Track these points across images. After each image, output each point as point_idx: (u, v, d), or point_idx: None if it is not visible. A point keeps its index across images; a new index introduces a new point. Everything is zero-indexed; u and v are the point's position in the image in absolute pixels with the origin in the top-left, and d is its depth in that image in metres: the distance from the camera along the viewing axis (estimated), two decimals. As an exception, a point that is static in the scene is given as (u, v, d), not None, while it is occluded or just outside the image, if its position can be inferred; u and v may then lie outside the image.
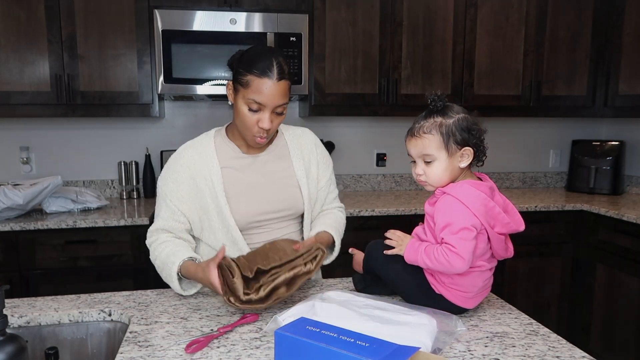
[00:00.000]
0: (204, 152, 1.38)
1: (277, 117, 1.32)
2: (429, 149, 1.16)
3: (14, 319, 1.20)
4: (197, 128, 2.76)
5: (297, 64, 2.58)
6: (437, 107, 1.17)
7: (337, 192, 1.58)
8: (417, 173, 1.19)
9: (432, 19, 2.76)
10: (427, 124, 1.17)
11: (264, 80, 1.25)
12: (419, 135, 1.17)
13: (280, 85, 1.28)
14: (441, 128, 1.15)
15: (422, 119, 1.19)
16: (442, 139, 1.14)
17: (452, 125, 1.14)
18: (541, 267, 2.75)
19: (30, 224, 2.23)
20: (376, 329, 0.99)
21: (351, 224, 2.50)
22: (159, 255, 1.33)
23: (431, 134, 1.15)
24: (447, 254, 1.09)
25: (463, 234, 1.08)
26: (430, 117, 1.17)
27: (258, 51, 1.31)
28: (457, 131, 1.14)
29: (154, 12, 2.44)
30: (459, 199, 1.10)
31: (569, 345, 1.05)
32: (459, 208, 1.10)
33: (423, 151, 1.16)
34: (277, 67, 1.27)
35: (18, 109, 2.46)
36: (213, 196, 1.35)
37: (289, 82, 1.31)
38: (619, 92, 2.89)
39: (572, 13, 2.92)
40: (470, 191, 1.12)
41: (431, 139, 1.15)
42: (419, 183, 1.22)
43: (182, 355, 1.00)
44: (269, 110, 1.28)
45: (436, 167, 1.16)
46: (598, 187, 3.04)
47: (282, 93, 1.29)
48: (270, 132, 1.32)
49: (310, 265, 1.20)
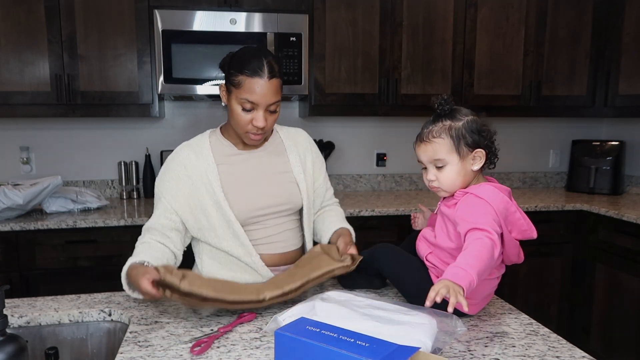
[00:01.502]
0: (199, 151, 1.40)
1: (271, 115, 1.34)
2: (440, 153, 1.13)
3: (14, 319, 1.20)
4: (197, 128, 2.76)
5: (297, 64, 2.58)
6: (444, 110, 1.15)
7: (332, 188, 1.64)
8: (429, 179, 1.17)
9: (432, 19, 2.76)
10: (436, 128, 1.14)
11: (256, 79, 1.28)
12: (428, 140, 1.14)
13: (272, 84, 1.29)
14: (450, 131, 1.13)
15: (430, 123, 1.16)
16: (453, 142, 1.12)
17: (461, 127, 1.12)
18: (541, 267, 2.75)
19: (30, 224, 2.23)
20: (376, 328, 0.99)
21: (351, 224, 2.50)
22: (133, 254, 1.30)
23: (441, 137, 1.13)
24: (485, 241, 1.02)
25: (489, 221, 1.06)
26: (439, 121, 1.14)
27: (248, 51, 1.33)
28: (467, 133, 1.12)
29: (154, 12, 2.44)
30: (483, 197, 1.09)
31: (569, 345, 1.05)
32: (484, 207, 1.08)
33: (434, 156, 1.14)
34: (268, 66, 1.29)
35: (18, 109, 2.46)
36: (211, 193, 1.36)
37: (280, 80, 1.33)
38: (619, 92, 2.89)
39: (572, 13, 2.92)
40: (493, 191, 1.10)
41: (441, 143, 1.13)
42: (431, 189, 1.19)
43: (182, 355, 1.00)
44: (262, 108, 1.31)
45: (448, 171, 1.13)
46: (598, 187, 3.04)
47: (274, 91, 1.30)
48: (265, 130, 1.34)
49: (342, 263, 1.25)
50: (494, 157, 1.16)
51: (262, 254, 1.41)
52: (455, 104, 1.18)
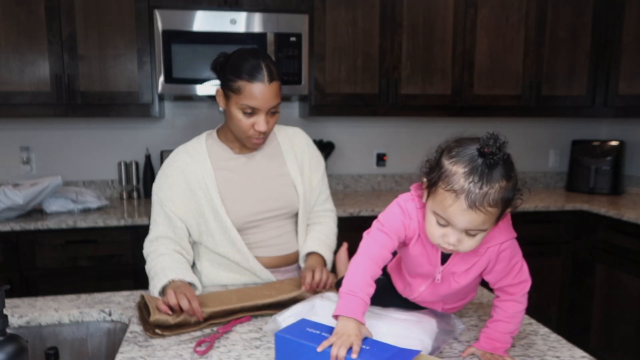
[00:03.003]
0: (196, 155, 1.38)
1: (272, 117, 1.32)
2: (487, 224, 0.85)
3: (14, 319, 1.20)
4: (197, 128, 2.76)
5: (297, 64, 2.57)
6: (496, 159, 0.81)
7: (329, 192, 1.57)
8: (449, 243, 0.87)
9: (432, 19, 2.76)
10: (494, 192, 0.82)
11: (256, 84, 1.25)
12: (482, 209, 0.82)
13: (272, 87, 1.27)
14: (504, 200, 0.83)
15: (482, 182, 0.81)
16: (500, 211, 0.85)
17: (512, 193, 0.85)
18: (541, 267, 2.75)
19: (30, 224, 2.23)
20: (376, 328, 0.99)
21: (351, 224, 2.51)
22: (154, 267, 1.28)
23: (496, 207, 0.83)
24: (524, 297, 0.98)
25: (522, 257, 1.00)
26: (493, 181, 0.81)
27: (243, 55, 1.30)
28: (513, 196, 0.86)
29: (154, 12, 2.44)
30: (510, 237, 0.96)
31: (569, 345, 1.05)
32: (514, 245, 0.97)
33: (479, 227, 0.85)
34: (267, 69, 1.26)
35: (18, 109, 2.46)
36: (208, 199, 1.35)
37: (279, 81, 1.30)
38: (619, 92, 2.89)
39: (572, 13, 2.92)
40: (507, 221, 0.96)
41: (493, 213, 0.83)
42: (442, 249, 0.93)
43: (182, 355, 1.00)
44: (263, 112, 1.28)
45: (479, 238, 0.87)
46: (598, 187, 3.04)
47: (275, 94, 1.28)
48: (267, 132, 1.32)
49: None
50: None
51: (261, 257, 1.40)
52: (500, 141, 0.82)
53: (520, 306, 0.97)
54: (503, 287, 0.98)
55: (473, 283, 1.04)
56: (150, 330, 1.08)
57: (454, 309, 1.12)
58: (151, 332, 1.08)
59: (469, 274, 0.98)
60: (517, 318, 0.97)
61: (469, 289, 1.07)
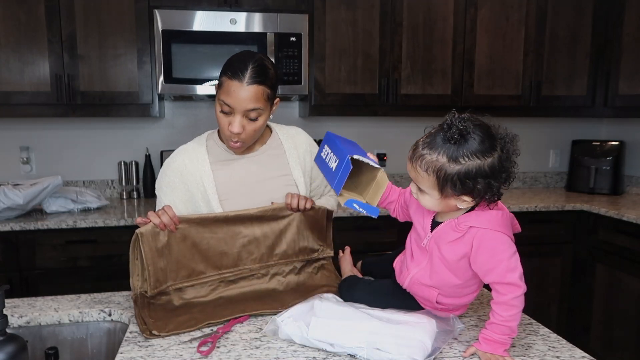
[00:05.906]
0: (195, 156, 1.37)
1: (250, 123, 1.28)
2: (421, 184, 0.98)
3: (14, 319, 1.20)
4: (197, 128, 2.76)
5: (297, 64, 2.57)
6: (452, 135, 0.92)
7: (329, 189, 1.58)
8: (411, 191, 1.04)
9: (432, 19, 2.76)
10: (428, 158, 0.93)
11: (233, 82, 1.24)
12: (414, 165, 0.97)
13: (249, 90, 1.24)
14: (439, 172, 0.93)
15: (428, 145, 0.94)
16: (437, 183, 0.94)
17: (455, 175, 0.92)
18: (541, 267, 2.75)
19: (30, 224, 2.23)
20: (376, 328, 0.99)
21: (351, 224, 2.51)
22: None
23: (426, 173, 0.94)
24: (516, 300, 0.96)
25: (516, 261, 0.97)
26: (436, 148, 0.93)
27: (240, 55, 1.30)
28: (459, 181, 0.92)
29: (154, 12, 2.44)
30: (499, 230, 0.97)
31: (569, 345, 1.05)
32: (505, 244, 0.97)
33: (415, 182, 1.00)
34: (252, 71, 1.24)
35: (18, 109, 2.46)
36: (206, 201, 1.35)
37: (264, 87, 1.26)
38: (619, 92, 2.89)
39: (572, 13, 2.92)
40: (501, 217, 0.99)
41: (425, 178, 0.95)
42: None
43: (182, 355, 1.00)
44: (238, 113, 1.26)
45: (427, 200, 1.00)
46: (598, 187, 3.04)
47: (252, 98, 1.24)
48: (243, 138, 1.29)
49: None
50: (495, 198, 0.97)
51: None
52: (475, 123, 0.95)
53: (513, 309, 0.96)
54: (492, 284, 0.99)
55: (462, 270, 1.02)
56: (146, 332, 1.08)
57: (452, 308, 1.12)
58: (147, 333, 1.08)
59: (453, 249, 1.00)
60: (511, 322, 0.97)
61: (462, 281, 1.04)
